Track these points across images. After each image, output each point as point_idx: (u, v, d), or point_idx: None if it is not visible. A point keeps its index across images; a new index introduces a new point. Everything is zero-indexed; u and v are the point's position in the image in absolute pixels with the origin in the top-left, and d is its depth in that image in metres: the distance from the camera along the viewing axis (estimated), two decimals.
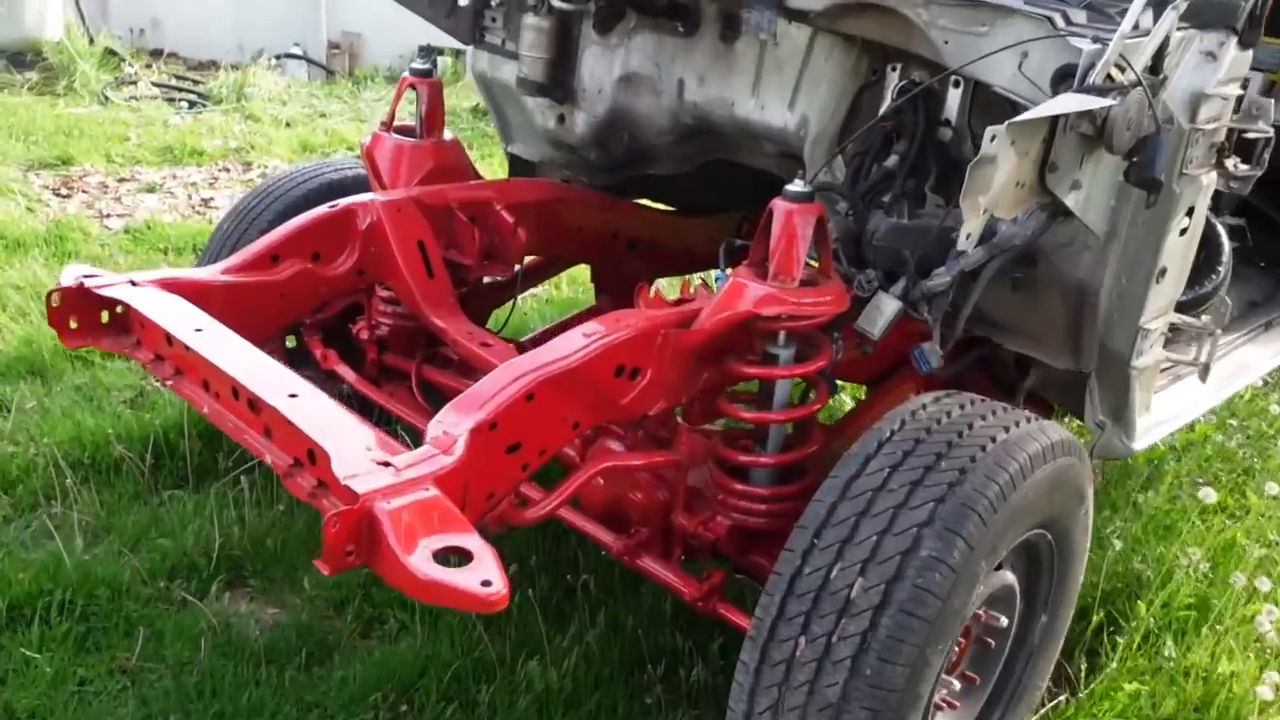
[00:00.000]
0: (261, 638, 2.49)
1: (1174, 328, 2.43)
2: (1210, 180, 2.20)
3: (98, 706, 2.26)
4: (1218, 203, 3.00)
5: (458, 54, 7.88)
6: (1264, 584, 2.78)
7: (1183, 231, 2.20)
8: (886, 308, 2.11)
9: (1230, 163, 2.15)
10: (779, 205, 2.04)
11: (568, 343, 2.02)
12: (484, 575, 1.58)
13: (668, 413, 2.22)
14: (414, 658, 2.43)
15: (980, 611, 2.03)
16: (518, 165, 3.35)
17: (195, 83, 7.88)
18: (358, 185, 3.13)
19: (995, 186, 1.76)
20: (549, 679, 2.37)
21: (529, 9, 2.89)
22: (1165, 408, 2.54)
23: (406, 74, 2.92)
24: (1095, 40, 1.87)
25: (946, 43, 2.09)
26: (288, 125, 7.11)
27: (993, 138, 1.72)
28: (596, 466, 2.15)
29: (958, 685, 2.04)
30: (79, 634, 2.43)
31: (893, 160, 2.28)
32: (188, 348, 2.11)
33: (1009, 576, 2.05)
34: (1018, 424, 1.92)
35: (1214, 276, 2.74)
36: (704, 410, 2.27)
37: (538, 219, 2.88)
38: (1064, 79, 1.90)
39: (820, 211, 2.04)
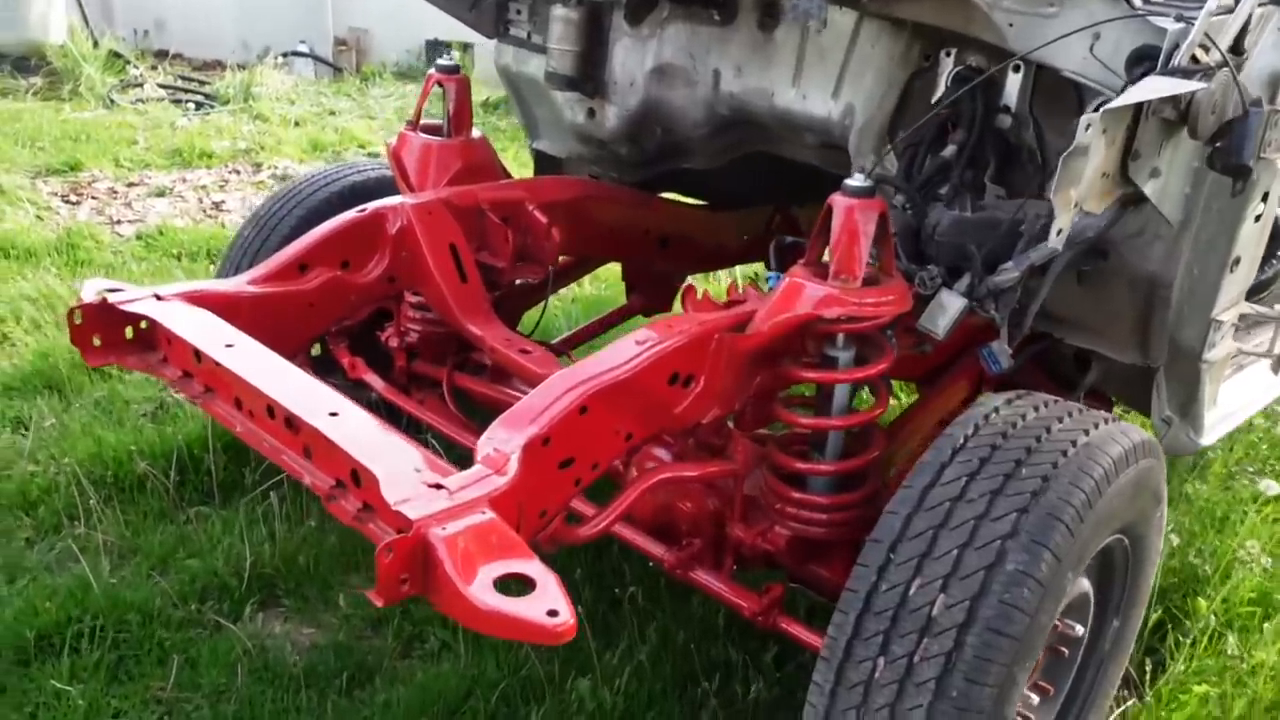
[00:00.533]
0: (299, 661, 2.40)
1: (1243, 316, 2.33)
2: None
3: None
4: None
5: (466, 48, 7.79)
6: None
7: (1258, 218, 2.10)
8: (951, 305, 2.01)
9: None
10: (839, 201, 1.94)
11: (620, 352, 1.93)
12: (549, 604, 1.49)
13: (721, 420, 2.12)
14: (459, 679, 2.34)
15: (1057, 621, 1.93)
16: (543, 162, 3.25)
17: (201, 83, 7.80)
18: (381, 187, 3.05)
19: (1086, 178, 1.66)
20: (600, 697, 2.28)
21: (557, 1, 2.80)
22: (1231, 400, 2.44)
23: (433, 71, 2.82)
24: (1179, 19, 1.77)
25: (1011, 25, 1.98)
26: (296, 124, 7.03)
27: (1088, 127, 1.61)
28: (652, 479, 2.05)
29: (1035, 699, 1.95)
30: (110, 663, 2.34)
31: (949, 150, 2.18)
32: (218, 364, 2.02)
33: (1085, 584, 1.95)
34: (1097, 426, 1.82)
35: (1275, 261, 2.65)
36: (757, 416, 2.17)
37: (570, 218, 2.78)
38: (1141, 61, 1.80)
39: (882, 207, 1.93)
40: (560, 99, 2.91)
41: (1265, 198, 2.09)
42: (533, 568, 1.55)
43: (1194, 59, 1.73)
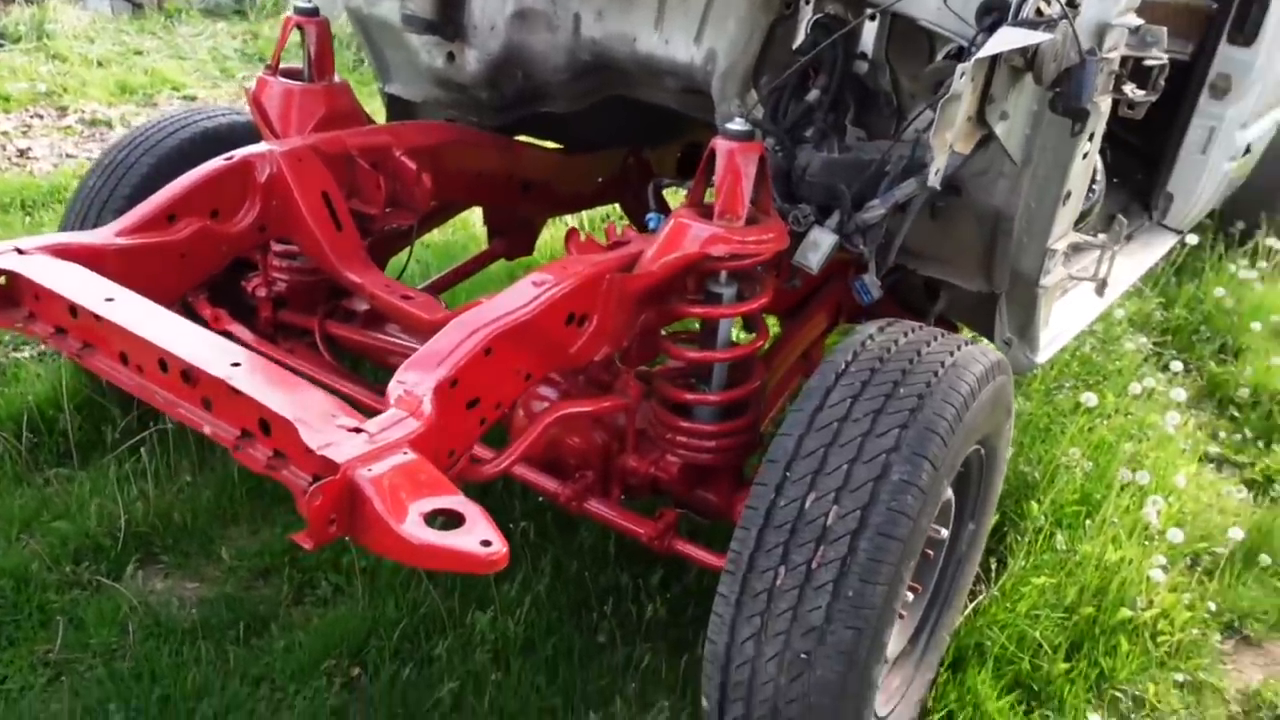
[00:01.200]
0: (190, 615, 2.39)
1: (1072, 244, 2.58)
2: (1107, 106, 2.32)
3: (27, 704, 2.13)
4: None
5: None
6: (1143, 477, 3.02)
7: (1085, 155, 2.33)
8: (823, 242, 2.16)
9: (1128, 89, 2.27)
10: (721, 144, 2.05)
11: (520, 294, 1.99)
12: (481, 535, 1.56)
13: (610, 358, 2.21)
14: (358, 620, 2.38)
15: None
16: (396, 106, 3.22)
17: None
18: (234, 132, 2.98)
19: (958, 122, 1.82)
20: (501, 628, 2.37)
21: None
22: (1060, 321, 2.71)
23: (290, 13, 2.75)
24: None
25: None
26: (100, 65, 6.61)
27: (961, 75, 1.77)
28: (552, 416, 2.13)
29: (910, 596, 2.15)
30: None
31: (813, 95, 2.31)
32: (99, 318, 1.97)
33: (948, 491, 2.16)
34: (960, 348, 2.01)
35: (1092, 194, 2.92)
36: (643, 352, 2.28)
37: (436, 163, 2.79)
38: (989, 11, 1.96)
39: (761, 150, 2.05)
40: (417, 42, 2.88)
41: (1091, 137, 2.32)
42: (461, 502, 1.61)
43: (1038, 11, 1.91)
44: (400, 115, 3.19)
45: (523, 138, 3.30)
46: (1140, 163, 3.68)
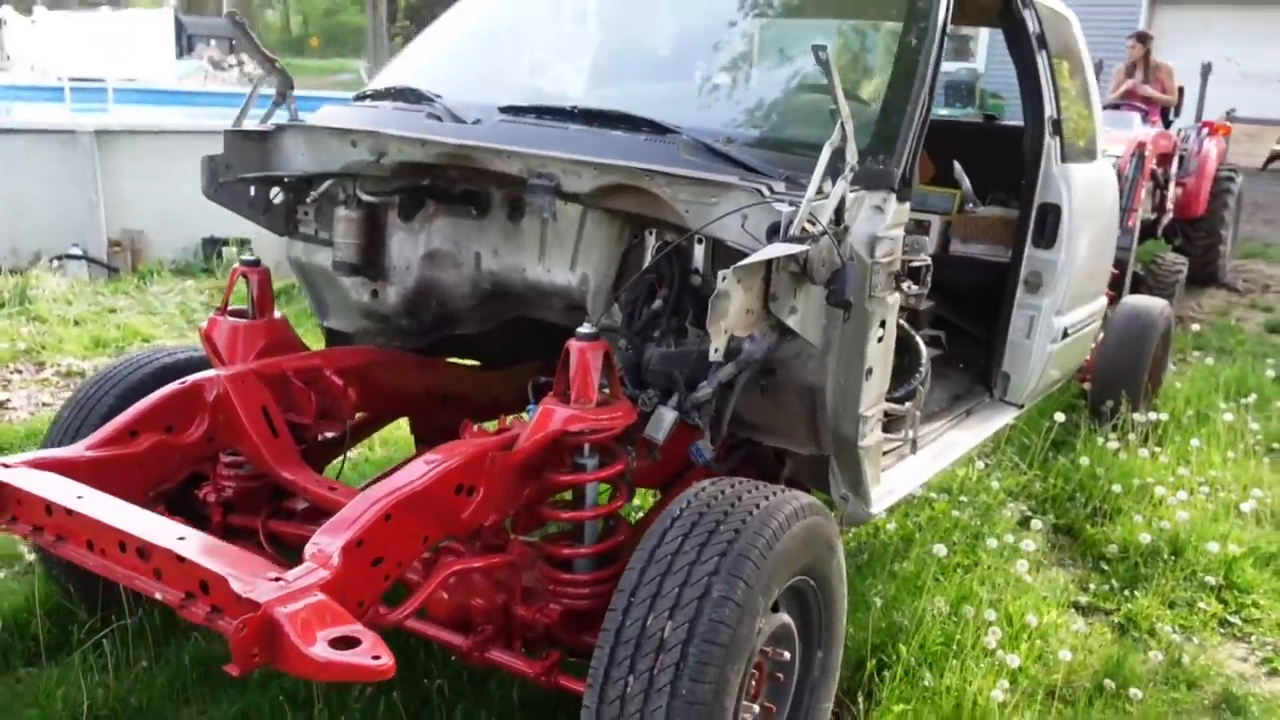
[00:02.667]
0: None
1: (889, 415, 3.10)
2: (895, 300, 2.89)
3: None
4: (916, 319, 3.80)
5: (243, 243, 8.24)
6: (990, 614, 3.43)
7: (880, 339, 2.88)
8: (666, 417, 2.67)
9: (905, 285, 2.86)
10: (573, 345, 2.58)
11: (414, 469, 2.46)
12: (374, 652, 1.97)
13: (499, 524, 2.66)
14: None
15: (768, 649, 2.53)
16: (334, 337, 3.78)
17: None
18: (191, 366, 3.47)
19: (731, 314, 2.37)
20: None
21: (340, 203, 3.39)
22: (893, 480, 3.19)
23: (238, 265, 3.33)
24: (790, 204, 2.53)
25: (688, 211, 2.71)
26: (76, 323, 7.22)
27: (724, 278, 2.33)
28: (448, 569, 2.56)
29: (756, 709, 2.52)
30: None
31: (658, 304, 2.87)
32: (70, 512, 2.41)
33: (785, 618, 2.57)
34: (774, 494, 2.49)
35: (918, 374, 3.47)
36: (530, 519, 2.74)
37: (363, 380, 3.30)
38: (774, 232, 2.55)
39: (606, 347, 2.58)
40: (347, 283, 3.47)
41: (883, 324, 2.87)
42: (358, 630, 2.03)
43: (804, 230, 2.49)
44: (337, 344, 3.74)
45: (451, 359, 3.84)
46: (982, 350, 4.26)
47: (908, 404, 3.01)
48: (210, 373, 3.04)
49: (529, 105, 3.20)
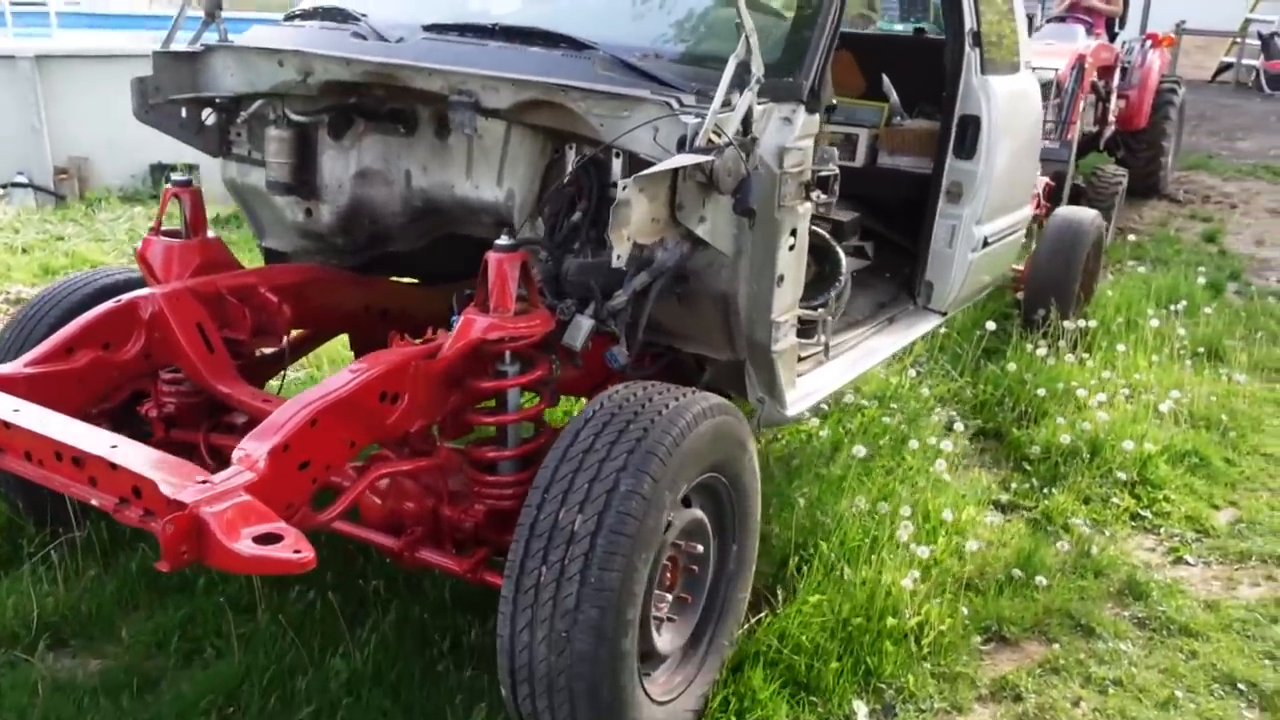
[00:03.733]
0: (93, 680, 2.84)
1: (805, 321, 3.23)
2: (806, 209, 3.00)
3: None
4: (842, 230, 3.91)
5: (191, 168, 8.20)
6: (905, 510, 3.61)
7: (791, 248, 2.99)
8: (583, 325, 2.78)
9: (815, 195, 2.96)
10: (491, 256, 2.68)
11: (339, 378, 2.57)
12: (295, 547, 2.10)
13: (426, 431, 2.78)
14: (233, 671, 2.85)
15: (680, 542, 2.68)
16: (273, 258, 3.84)
17: None
18: (129, 286, 3.54)
19: (633, 222, 2.47)
20: (354, 665, 2.86)
21: (270, 123, 3.44)
22: (810, 384, 3.34)
23: (169, 185, 3.38)
24: (697, 116, 2.62)
25: (602, 125, 2.79)
26: (24, 251, 7.21)
27: (624, 188, 2.43)
28: (377, 472, 2.68)
29: (670, 598, 2.68)
30: None
31: (578, 216, 2.97)
32: (7, 425, 2.50)
33: (698, 513, 2.72)
34: (683, 395, 2.62)
35: (838, 283, 3.59)
36: (455, 427, 2.86)
37: (298, 297, 3.39)
38: (684, 144, 2.64)
39: (523, 257, 2.69)
40: (281, 202, 3.53)
41: (795, 233, 2.98)
42: (280, 527, 2.15)
43: (711, 141, 2.59)
44: (276, 263, 3.81)
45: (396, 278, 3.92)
46: (909, 260, 4.39)
47: (820, 309, 3.14)
48: (146, 290, 3.11)
49: (452, 23, 3.24)
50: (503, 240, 2.69)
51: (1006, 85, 4.26)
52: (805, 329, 3.55)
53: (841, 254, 3.66)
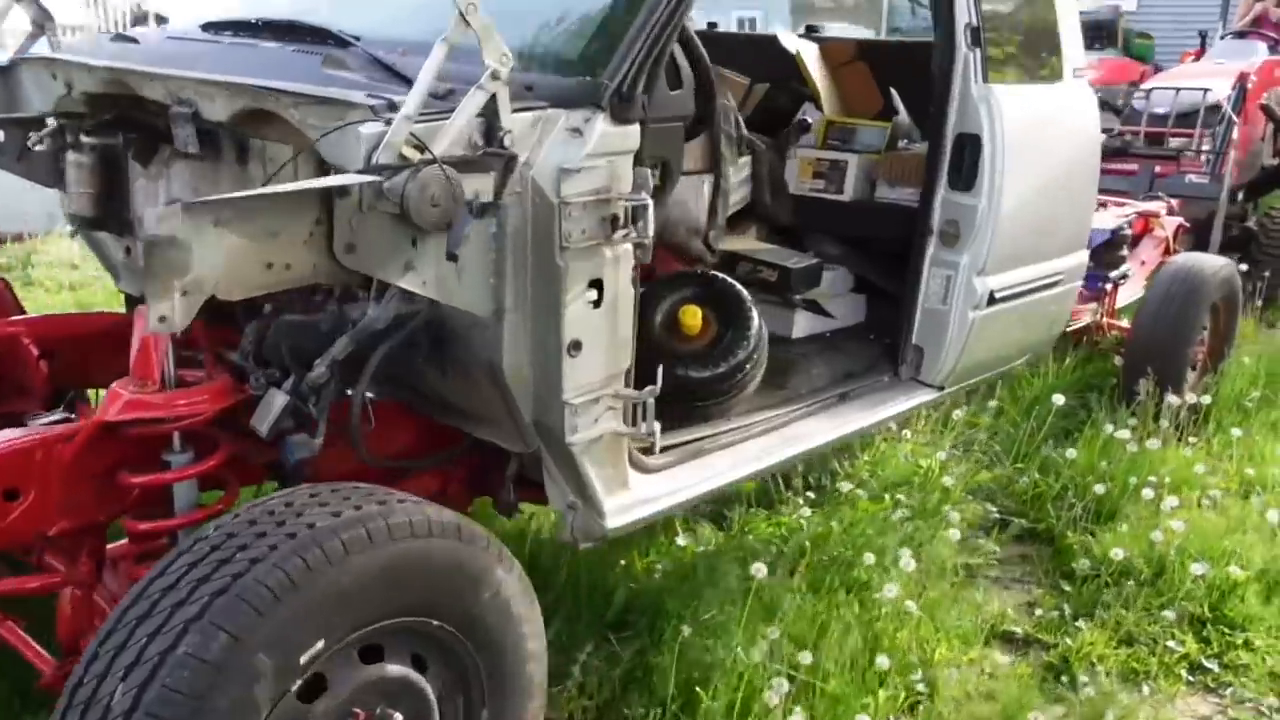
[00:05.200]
0: None
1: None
2: (620, 251, 2.21)
3: None
4: (786, 278, 3.05)
5: None
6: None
7: (595, 303, 2.20)
8: (274, 402, 2.08)
9: (626, 232, 2.16)
10: (139, 311, 2.02)
11: None
12: None
13: (75, 531, 2.14)
14: None
15: (359, 711, 1.91)
16: (130, 302, 3.33)
17: None
18: None
19: (196, 268, 1.75)
20: None
21: (69, 146, 2.92)
22: (659, 485, 2.50)
23: None
24: (387, 123, 1.89)
25: (322, 138, 2.10)
26: None
27: (159, 218, 1.71)
28: None
29: None
30: None
31: None
32: None
33: (394, 669, 1.95)
34: (358, 508, 1.85)
35: (742, 347, 2.75)
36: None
37: (70, 351, 2.83)
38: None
39: None
40: (105, 240, 3.01)
41: (597, 285, 2.18)
42: None
43: (403, 157, 1.85)
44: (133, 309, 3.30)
45: None
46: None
47: (647, 389, 2.30)
48: None
49: (226, 20, 2.64)
50: None
51: (1028, 98, 3.29)
52: (696, 407, 2.73)
53: (753, 309, 2.81)
